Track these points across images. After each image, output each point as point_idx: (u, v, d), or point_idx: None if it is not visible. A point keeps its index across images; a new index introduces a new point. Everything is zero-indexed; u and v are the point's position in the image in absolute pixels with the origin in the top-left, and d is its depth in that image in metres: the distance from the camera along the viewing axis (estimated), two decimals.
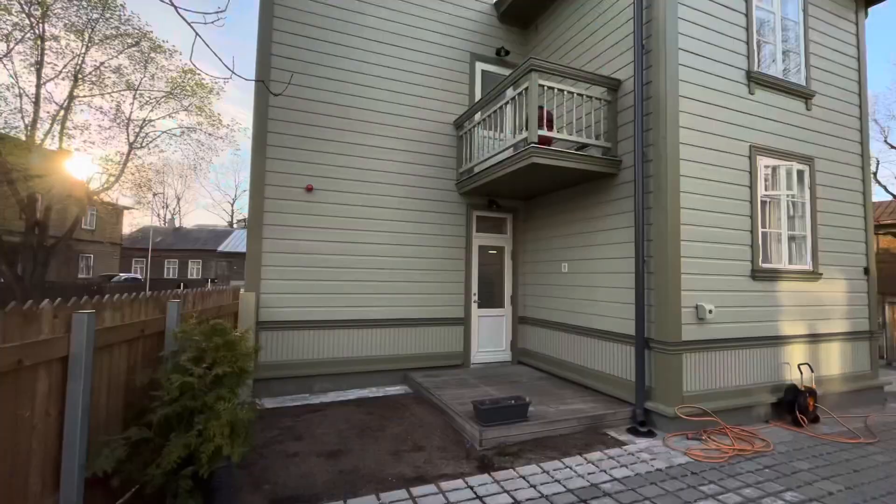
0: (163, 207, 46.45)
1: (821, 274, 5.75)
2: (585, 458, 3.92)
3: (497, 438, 4.15)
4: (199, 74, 16.30)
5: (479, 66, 7.43)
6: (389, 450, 4.05)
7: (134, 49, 16.03)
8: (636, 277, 4.87)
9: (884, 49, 47.34)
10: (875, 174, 23.18)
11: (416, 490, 3.30)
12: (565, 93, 5.29)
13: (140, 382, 3.07)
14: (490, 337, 7.28)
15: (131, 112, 17.02)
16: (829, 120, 6.05)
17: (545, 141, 5.30)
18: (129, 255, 35.14)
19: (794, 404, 4.99)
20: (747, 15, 5.46)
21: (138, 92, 16.79)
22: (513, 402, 4.47)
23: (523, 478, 3.52)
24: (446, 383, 5.87)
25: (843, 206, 6.09)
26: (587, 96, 5.41)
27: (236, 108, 68.24)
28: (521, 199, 7.50)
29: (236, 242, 36.41)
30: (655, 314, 4.81)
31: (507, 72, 7.37)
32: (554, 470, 3.67)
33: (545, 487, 3.37)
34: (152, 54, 16.32)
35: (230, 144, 21.42)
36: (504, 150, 5.68)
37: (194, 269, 37.00)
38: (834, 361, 5.79)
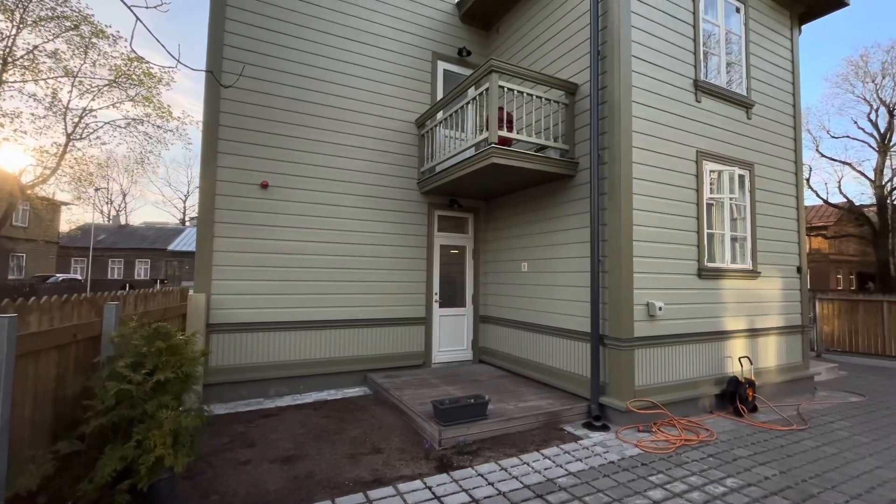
0: (106, 203, 43.65)
1: (759, 272, 6.13)
2: (542, 454, 3.99)
3: (456, 437, 4.15)
4: (146, 63, 15.40)
5: (441, 66, 7.43)
6: (347, 453, 3.97)
7: (73, 33, 14.93)
8: (591, 276, 5.02)
9: (817, 65, 51.40)
10: (808, 180, 25.08)
11: (374, 493, 3.25)
12: (525, 95, 5.37)
13: (72, 391, 2.84)
14: (451, 336, 7.29)
15: (69, 100, 15.88)
16: (766, 129, 6.47)
17: (505, 141, 5.36)
18: (67, 254, 32.75)
19: (735, 395, 5.30)
20: (695, 27, 5.75)
21: (77, 79, 15.67)
22: (472, 400, 4.49)
23: (482, 476, 3.54)
24: (407, 383, 5.83)
25: (778, 210, 6.53)
26: (546, 99, 5.52)
27: (189, 99, 65.16)
28: (483, 199, 7.56)
29: (188, 241, 34.68)
30: (609, 312, 4.97)
31: (468, 72, 7.41)
32: (512, 467, 3.72)
33: (503, 485, 3.40)
34: (94, 39, 15.27)
35: (181, 138, 20.44)
36: (465, 150, 5.70)
37: (142, 270, 34.94)
38: (770, 354, 6.20)
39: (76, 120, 16.15)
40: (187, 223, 45.04)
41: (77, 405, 2.86)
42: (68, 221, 32.30)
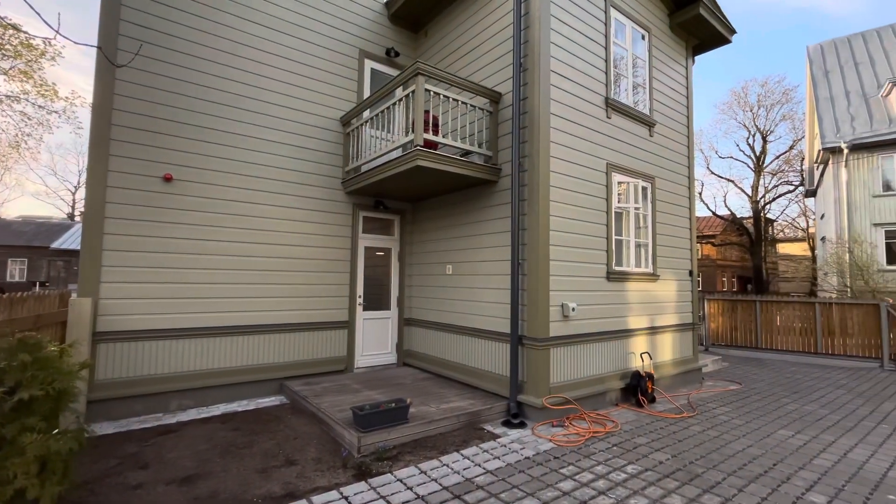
0: None
1: (658, 276, 6.77)
2: (462, 455, 4.04)
3: (376, 444, 4.06)
4: (24, 32, 13.33)
5: (369, 65, 7.30)
6: (257, 467, 3.71)
7: None
8: (512, 278, 5.20)
9: (708, 93, 58.57)
10: (700, 194, 28.33)
11: None
12: (451, 100, 5.45)
13: None
14: (375, 340, 7.15)
15: None
16: (665, 146, 7.17)
17: (430, 145, 5.38)
18: None
19: (637, 388, 5.78)
20: (607, 48, 6.22)
21: None
22: (393, 405, 4.42)
23: (400, 481, 3.50)
24: (326, 390, 5.61)
25: (675, 219, 7.27)
26: (471, 105, 5.64)
27: (86, 79, 57.60)
28: (409, 201, 7.53)
29: (77, 238, 30.56)
30: (528, 313, 5.18)
31: (396, 73, 7.35)
32: (431, 469, 3.71)
33: (421, 488, 3.38)
34: None
35: (70, 121, 17.95)
36: (392, 151, 5.64)
37: (17, 270, 30.13)
38: (667, 349, 6.86)
39: None
40: (76, 218, 39.72)
41: None
42: None
